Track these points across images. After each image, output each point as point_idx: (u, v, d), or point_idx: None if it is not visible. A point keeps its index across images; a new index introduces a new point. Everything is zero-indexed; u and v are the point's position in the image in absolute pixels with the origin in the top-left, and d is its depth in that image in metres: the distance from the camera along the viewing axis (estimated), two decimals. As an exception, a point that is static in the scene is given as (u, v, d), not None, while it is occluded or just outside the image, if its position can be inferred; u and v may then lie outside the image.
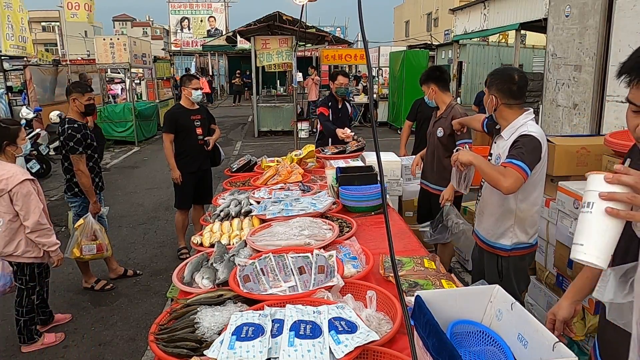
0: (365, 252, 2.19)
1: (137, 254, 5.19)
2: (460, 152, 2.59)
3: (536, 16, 14.88)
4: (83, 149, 3.91)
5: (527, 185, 2.44)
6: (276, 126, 13.57)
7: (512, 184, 2.27)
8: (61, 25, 37.39)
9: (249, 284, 1.84)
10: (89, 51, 33.17)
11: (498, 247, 2.61)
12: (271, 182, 3.61)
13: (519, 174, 2.28)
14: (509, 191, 2.30)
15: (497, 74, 2.58)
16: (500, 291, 1.42)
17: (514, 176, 2.27)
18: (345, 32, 35.53)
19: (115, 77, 18.49)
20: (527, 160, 2.32)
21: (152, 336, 1.62)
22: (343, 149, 4.50)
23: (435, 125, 3.84)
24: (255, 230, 2.51)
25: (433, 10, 33.17)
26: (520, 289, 2.63)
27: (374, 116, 1.08)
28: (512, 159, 2.34)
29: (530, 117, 2.51)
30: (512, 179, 2.27)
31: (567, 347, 1.14)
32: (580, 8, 4.56)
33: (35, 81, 10.54)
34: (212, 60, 29.03)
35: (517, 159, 2.32)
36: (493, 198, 2.58)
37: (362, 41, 1.01)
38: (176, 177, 4.74)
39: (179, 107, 4.83)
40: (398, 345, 1.51)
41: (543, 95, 5.38)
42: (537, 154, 2.37)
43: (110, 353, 3.38)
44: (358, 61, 14.31)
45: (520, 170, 2.30)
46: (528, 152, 2.34)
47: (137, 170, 9.49)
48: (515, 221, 2.54)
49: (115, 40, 11.75)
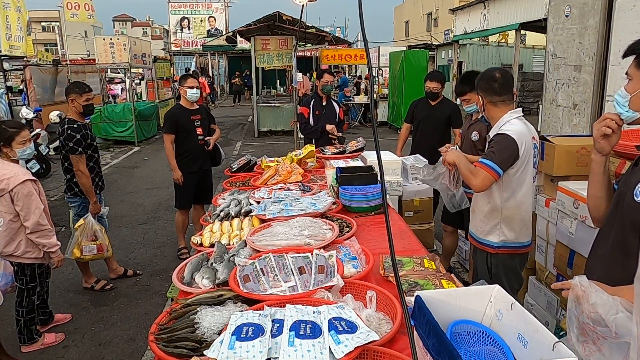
0: (365, 252, 2.19)
1: (137, 254, 5.18)
2: (448, 152, 2.70)
3: (536, 16, 14.87)
4: (83, 149, 3.91)
5: (511, 184, 2.50)
6: (276, 126, 13.57)
7: (480, 183, 2.42)
8: (61, 25, 37.37)
9: (249, 284, 1.84)
10: (89, 51, 33.15)
11: (486, 243, 2.66)
12: (271, 182, 3.61)
13: (487, 173, 2.40)
14: (479, 189, 2.46)
15: (481, 74, 2.66)
16: (500, 291, 1.42)
17: (482, 175, 2.41)
18: (345, 32, 35.52)
19: (115, 77, 18.50)
20: (497, 160, 2.40)
21: (152, 336, 1.62)
22: (343, 149, 4.51)
23: (470, 129, 3.77)
24: (255, 230, 2.51)
25: (433, 10, 33.16)
26: (512, 288, 2.66)
27: (375, 116, 1.08)
28: (482, 159, 2.46)
29: (515, 116, 2.54)
30: (480, 178, 2.42)
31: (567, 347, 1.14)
32: (580, 8, 4.56)
33: (35, 81, 10.55)
34: (212, 61, 29.01)
35: (487, 159, 2.43)
36: (480, 196, 2.64)
37: (363, 41, 1.01)
38: (177, 178, 4.74)
39: (179, 107, 4.83)
40: (398, 345, 1.51)
41: (543, 95, 5.38)
42: (510, 152, 2.42)
43: (110, 353, 3.38)
44: (358, 61, 14.32)
45: (488, 169, 2.40)
46: (499, 151, 2.42)
47: (137, 170, 9.48)
48: (502, 219, 2.59)
49: (115, 40, 11.75)
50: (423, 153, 4.59)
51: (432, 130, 4.80)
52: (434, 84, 4.76)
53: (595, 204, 1.84)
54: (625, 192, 1.64)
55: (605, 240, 1.74)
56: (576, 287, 1.24)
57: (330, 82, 5.41)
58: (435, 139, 4.62)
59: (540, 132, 4.75)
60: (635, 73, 1.60)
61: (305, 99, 5.66)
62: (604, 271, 1.71)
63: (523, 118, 2.57)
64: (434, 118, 4.81)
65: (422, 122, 4.90)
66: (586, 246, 2.65)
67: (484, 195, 2.59)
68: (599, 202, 1.82)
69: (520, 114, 2.56)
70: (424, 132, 4.88)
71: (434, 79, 4.79)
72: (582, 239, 2.70)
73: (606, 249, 1.72)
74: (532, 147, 2.52)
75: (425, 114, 4.88)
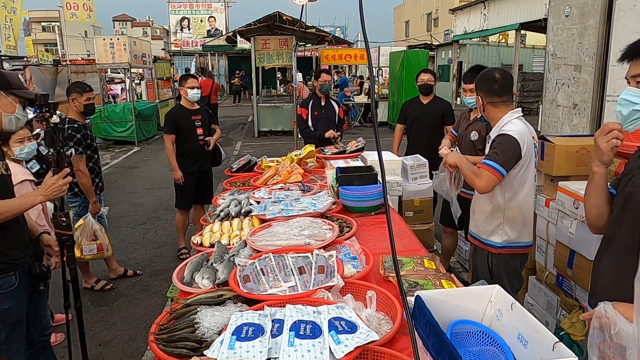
0: (365, 252, 2.19)
1: (137, 254, 5.18)
2: (449, 154, 2.70)
3: (536, 16, 14.89)
4: (83, 149, 3.92)
5: (513, 184, 2.50)
6: (276, 126, 13.57)
7: (484, 184, 2.41)
8: (61, 25, 37.36)
9: (249, 284, 1.84)
10: (89, 51, 33.13)
11: (489, 244, 2.66)
12: (271, 182, 3.61)
13: (491, 174, 2.39)
14: (483, 191, 2.44)
15: (481, 75, 2.65)
16: (500, 291, 1.42)
17: (485, 176, 2.40)
18: (345, 32, 35.57)
19: (115, 77, 18.49)
20: (500, 160, 2.40)
21: (152, 336, 1.62)
22: (343, 149, 4.51)
23: (468, 129, 3.76)
24: (255, 230, 2.51)
25: (433, 10, 33.17)
26: (513, 287, 2.66)
27: (375, 116, 1.08)
28: (486, 160, 2.44)
29: (515, 116, 2.53)
30: (484, 179, 2.41)
31: (567, 347, 1.14)
32: (580, 8, 4.56)
33: (35, 81, 10.53)
34: (212, 61, 29.01)
35: (490, 159, 2.42)
36: (482, 196, 2.63)
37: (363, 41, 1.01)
38: (178, 178, 4.74)
39: (180, 107, 4.83)
40: (398, 345, 1.51)
41: (543, 95, 5.38)
42: (513, 152, 2.42)
43: (110, 353, 3.38)
44: (358, 61, 14.32)
45: (492, 170, 2.39)
46: (502, 152, 2.41)
47: (137, 170, 9.48)
48: (505, 219, 2.59)
49: (115, 41, 11.75)
50: (420, 152, 4.64)
51: (427, 129, 4.88)
52: (428, 75, 4.89)
53: (597, 214, 1.79)
54: (633, 192, 1.61)
55: (614, 243, 1.69)
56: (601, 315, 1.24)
57: (327, 81, 5.41)
58: (430, 137, 4.72)
59: (540, 132, 4.76)
60: None
61: (303, 101, 5.68)
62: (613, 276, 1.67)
63: (523, 118, 2.57)
64: (427, 116, 4.89)
65: (416, 121, 4.97)
66: (586, 246, 2.66)
67: (485, 195, 2.59)
68: (602, 211, 1.77)
69: (520, 114, 2.56)
70: (419, 131, 4.95)
71: (427, 72, 4.95)
72: (582, 239, 2.70)
73: (616, 252, 1.67)
74: (533, 147, 2.53)
75: (419, 113, 4.94)
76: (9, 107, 2.15)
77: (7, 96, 2.13)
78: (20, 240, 2.27)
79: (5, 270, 2.16)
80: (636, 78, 1.53)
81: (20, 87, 2.20)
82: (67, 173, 2.27)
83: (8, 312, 2.17)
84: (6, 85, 2.13)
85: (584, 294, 2.73)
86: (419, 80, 4.92)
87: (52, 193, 2.22)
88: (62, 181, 2.23)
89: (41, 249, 2.51)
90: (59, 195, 2.25)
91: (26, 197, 2.23)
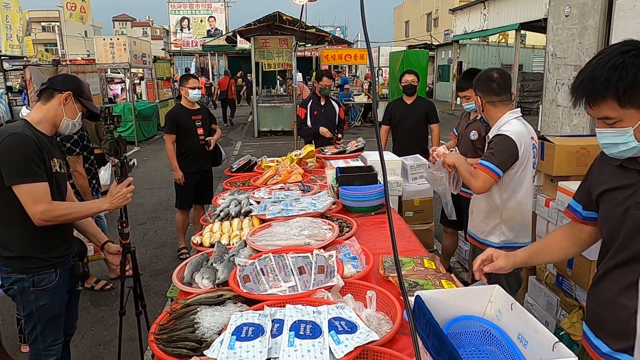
0: (365, 252, 2.19)
1: (137, 254, 5.17)
2: (448, 154, 2.71)
3: (536, 16, 14.89)
4: (80, 150, 3.91)
5: (510, 184, 2.50)
6: (276, 126, 13.57)
7: (480, 185, 2.43)
8: (61, 25, 37.39)
9: (249, 284, 1.84)
10: (88, 51, 33.17)
11: (487, 244, 2.66)
12: (271, 182, 3.61)
13: (487, 174, 2.41)
14: (480, 191, 2.47)
15: (479, 75, 2.66)
16: (500, 291, 1.42)
17: (482, 177, 2.42)
18: (345, 32, 35.57)
19: (115, 77, 18.48)
20: (497, 161, 2.41)
21: (152, 336, 1.62)
22: (343, 149, 4.51)
23: (468, 128, 3.76)
24: (255, 230, 2.51)
25: (433, 10, 33.17)
26: (512, 288, 2.66)
27: (376, 116, 1.09)
28: (482, 160, 2.45)
29: (514, 116, 2.54)
30: (480, 180, 2.43)
31: (567, 347, 1.14)
32: (580, 8, 4.56)
33: (35, 81, 10.53)
34: (212, 61, 29.01)
35: (486, 160, 2.43)
36: (480, 197, 2.64)
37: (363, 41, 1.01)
38: (179, 178, 4.75)
39: (180, 107, 4.83)
40: (398, 345, 1.51)
41: (543, 95, 5.38)
42: (510, 153, 2.42)
43: (110, 353, 3.38)
44: (358, 61, 14.30)
45: (488, 170, 2.40)
46: (498, 152, 2.42)
47: (137, 170, 9.47)
48: (502, 220, 2.59)
49: (115, 41, 11.75)
50: (405, 152, 4.73)
51: (412, 129, 5.00)
52: (412, 76, 5.02)
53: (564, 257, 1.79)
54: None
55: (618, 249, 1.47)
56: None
57: (328, 86, 5.39)
58: (415, 136, 4.93)
59: (540, 132, 4.76)
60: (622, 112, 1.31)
61: (303, 100, 5.68)
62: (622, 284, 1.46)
63: (522, 118, 2.57)
64: (412, 116, 5.00)
65: (401, 121, 5.06)
66: (586, 246, 2.66)
67: (483, 195, 2.59)
68: (568, 252, 1.76)
69: (519, 114, 2.56)
70: (405, 130, 5.05)
71: (411, 73, 5.08)
72: (582, 239, 2.70)
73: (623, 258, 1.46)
74: (532, 147, 2.53)
75: (404, 114, 5.05)
76: (73, 113, 2.27)
77: (75, 102, 2.26)
78: (65, 238, 2.33)
79: (45, 267, 2.21)
80: (603, 120, 1.36)
81: (88, 99, 2.35)
82: (130, 181, 2.40)
83: (43, 308, 2.22)
84: (79, 93, 2.27)
85: (584, 294, 2.73)
86: (403, 81, 5.03)
87: (118, 201, 2.35)
88: (126, 189, 2.36)
89: (84, 249, 2.59)
90: (124, 202, 2.38)
91: (94, 203, 2.44)
